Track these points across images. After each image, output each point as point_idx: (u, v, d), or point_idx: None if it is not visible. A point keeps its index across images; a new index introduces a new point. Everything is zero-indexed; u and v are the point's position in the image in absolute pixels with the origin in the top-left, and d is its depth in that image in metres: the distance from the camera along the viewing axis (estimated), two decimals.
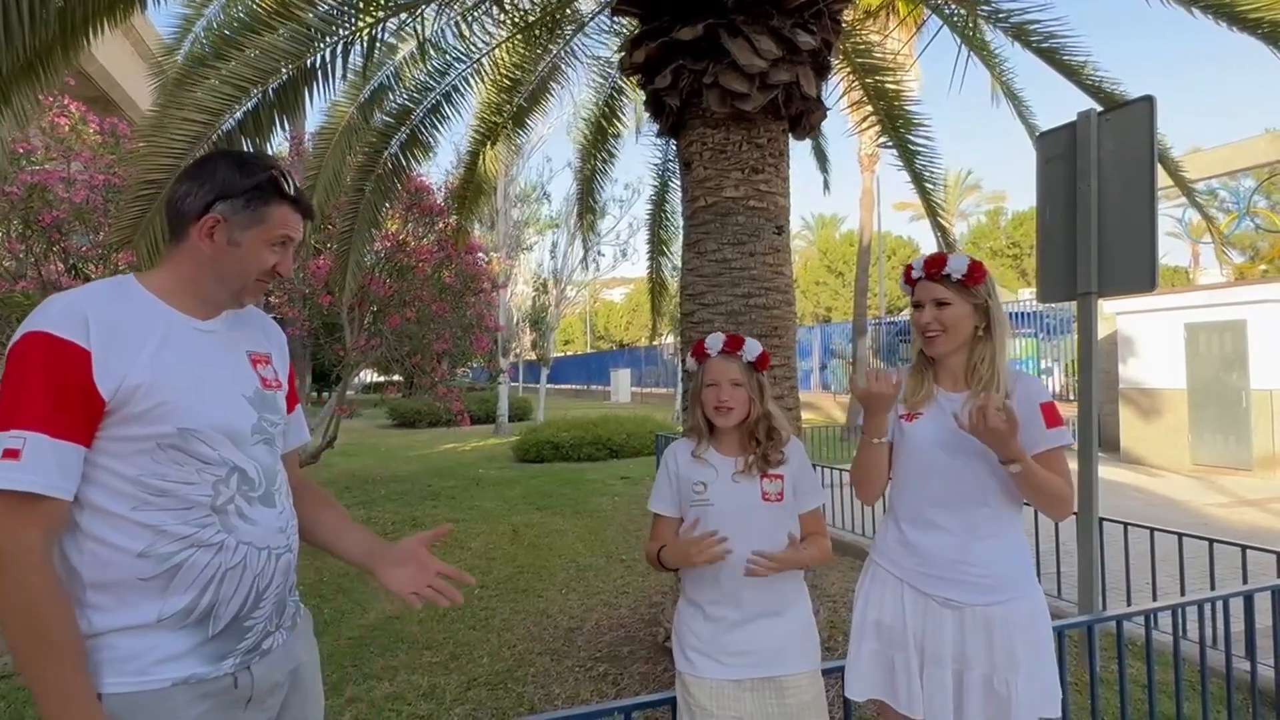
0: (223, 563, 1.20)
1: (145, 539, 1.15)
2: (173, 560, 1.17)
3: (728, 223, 3.62)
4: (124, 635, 1.14)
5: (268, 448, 1.33)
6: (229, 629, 1.22)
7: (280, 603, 1.32)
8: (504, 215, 18.26)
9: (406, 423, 20.01)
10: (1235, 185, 17.16)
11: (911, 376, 1.94)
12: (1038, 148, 3.76)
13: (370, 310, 7.73)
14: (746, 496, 1.80)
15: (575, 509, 8.10)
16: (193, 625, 1.18)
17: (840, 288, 40.91)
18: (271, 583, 1.28)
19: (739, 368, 1.85)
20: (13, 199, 6.11)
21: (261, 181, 1.27)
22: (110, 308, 1.17)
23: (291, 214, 1.32)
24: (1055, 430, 1.78)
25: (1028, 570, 1.82)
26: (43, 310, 1.14)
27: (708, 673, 1.76)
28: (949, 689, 1.72)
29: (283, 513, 1.33)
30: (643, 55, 3.68)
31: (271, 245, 1.30)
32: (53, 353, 1.10)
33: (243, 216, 1.26)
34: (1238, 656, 2.67)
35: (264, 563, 1.26)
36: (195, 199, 1.25)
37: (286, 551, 1.32)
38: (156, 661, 1.15)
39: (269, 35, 3.99)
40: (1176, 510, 7.68)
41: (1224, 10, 4.06)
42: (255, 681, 1.26)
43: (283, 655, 1.33)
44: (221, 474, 1.22)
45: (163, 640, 1.16)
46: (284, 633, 1.34)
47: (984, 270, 1.83)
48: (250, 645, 1.26)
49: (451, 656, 3.97)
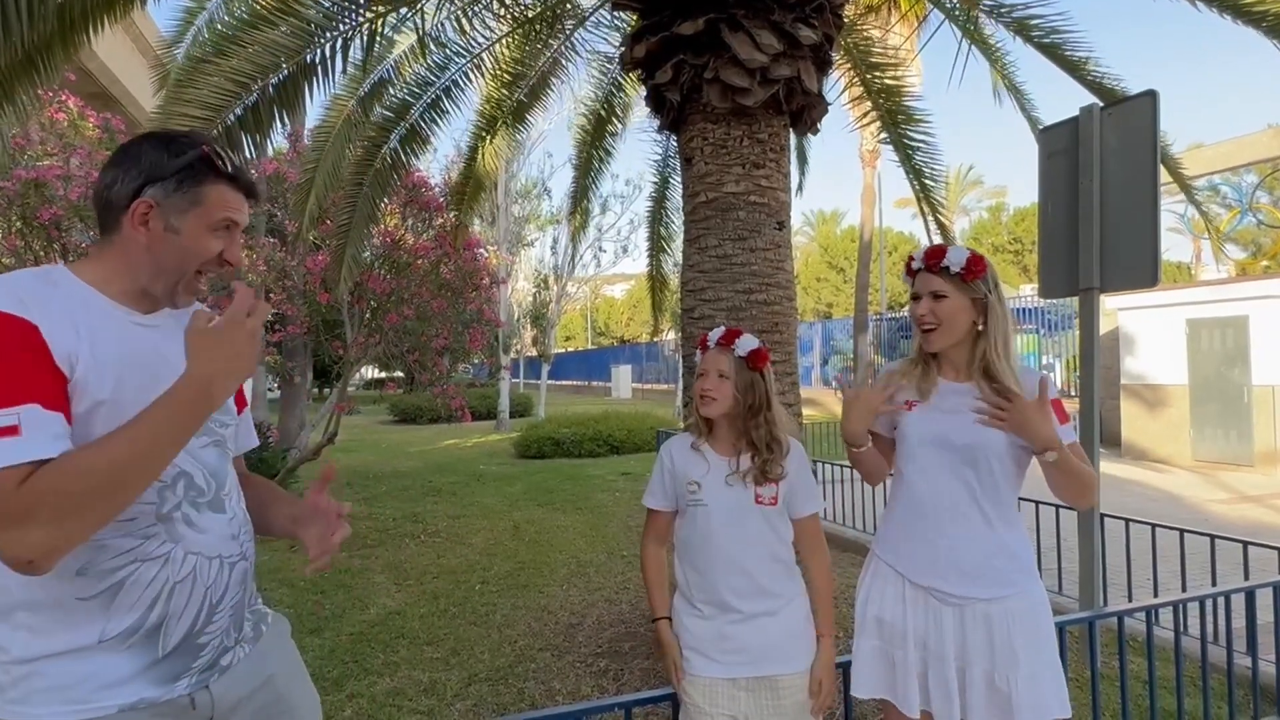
0: (170, 576, 1.11)
1: (83, 555, 1.04)
2: (115, 577, 1.07)
3: (729, 218, 3.61)
4: (60, 660, 1.04)
5: (217, 450, 1.24)
6: (181, 647, 1.13)
7: (238, 615, 1.24)
8: (505, 211, 18.24)
9: (407, 419, 20.04)
10: (1238, 181, 17.12)
11: (913, 366, 1.92)
12: (1040, 143, 3.74)
13: (369, 307, 7.73)
14: (740, 498, 1.79)
15: (576, 505, 8.10)
16: (139, 645, 1.09)
17: (841, 284, 40.88)
18: (226, 594, 1.19)
19: (729, 360, 1.83)
20: (9, 194, 6.10)
21: (193, 160, 1.15)
22: (41, 293, 1.05)
23: (231, 193, 1.19)
24: (1064, 427, 1.77)
25: (1029, 566, 1.81)
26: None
27: (702, 671, 1.76)
28: (953, 686, 1.71)
29: (234, 518, 1.24)
30: (643, 50, 3.67)
31: (213, 230, 1.18)
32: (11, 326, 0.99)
33: (176, 199, 1.14)
34: (1239, 652, 2.67)
35: (216, 573, 1.17)
36: (122, 186, 1.14)
37: (241, 559, 1.23)
38: (100, 688, 1.06)
39: (270, 31, 3.99)
40: (1178, 506, 7.68)
41: (1228, 3, 4.05)
42: (215, 700, 1.17)
43: (247, 670, 1.25)
44: (167, 479, 1.12)
45: (106, 664, 1.07)
46: (246, 645, 1.26)
47: (984, 264, 1.80)
48: (207, 663, 1.17)
49: (452, 652, 3.98)
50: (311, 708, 1.38)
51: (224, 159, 1.19)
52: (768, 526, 1.80)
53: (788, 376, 3.68)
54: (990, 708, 1.69)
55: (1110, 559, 4.12)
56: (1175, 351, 10.77)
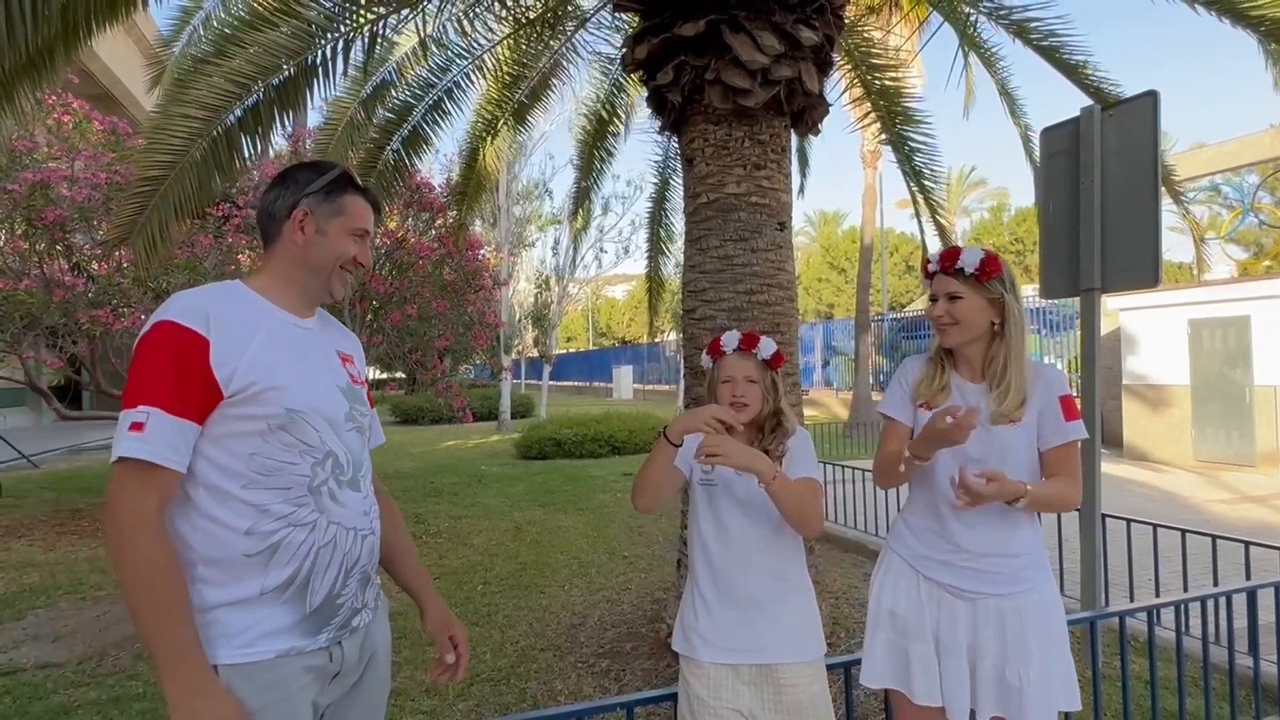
0: (315, 541, 1.31)
1: (251, 517, 1.26)
2: (274, 538, 1.27)
3: (730, 219, 3.61)
4: (231, 610, 1.24)
5: (359, 436, 1.46)
6: (323, 605, 1.32)
7: (365, 581, 1.43)
8: (506, 212, 18.24)
9: (409, 419, 20.05)
10: (1239, 181, 17.10)
11: (929, 366, 1.94)
12: (1041, 143, 3.75)
13: (371, 307, 7.74)
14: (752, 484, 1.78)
15: (578, 505, 8.11)
16: (291, 600, 1.28)
17: (843, 284, 40.84)
18: (358, 562, 1.38)
19: (754, 364, 1.85)
20: (15, 196, 6.11)
21: (336, 176, 1.45)
22: (223, 304, 1.30)
23: (364, 205, 1.48)
24: (1073, 424, 1.78)
25: (1041, 562, 1.83)
26: (168, 305, 1.27)
27: (704, 656, 1.76)
28: (965, 679, 1.73)
29: (366, 497, 1.44)
30: (645, 51, 3.67)
31: (352, 235, 1.45)
32: (178, 339, 1.23)
33: (325, 207, 1.43)
34: (1240, 652, 2.67)
35: (351, 542, 1.37)
36: (284, 201, 1.42)
37: (370, 534, 1.43)
38: (263, 635, 1.25)
39: (270, 32, 3.99)
40: (1179, 506, 7.67)
41: (1226, 7, 4.05)
42: (345, 656, 1.37)
43: (365, 635, 1.44)
44: (319, 456, 1.34)
45: (267, 615, 1.26)
46: (369, 612, 1.45)
47: (999, 265, 1.81)
48: (342, 621, 1.36)
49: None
50: (385, 685, 1.56)
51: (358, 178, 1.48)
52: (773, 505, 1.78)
53: (789, 377, 3.68)
54: (1001, 701, 1.71)
55: (1112, 559, 4.12)
56: (1177, 352, 10.76)
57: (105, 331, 6.47)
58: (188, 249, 6.44)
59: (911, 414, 1.92)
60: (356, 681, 1.44)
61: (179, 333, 1.23)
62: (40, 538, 6.69)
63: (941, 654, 1.77)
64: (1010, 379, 1.78)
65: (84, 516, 7.54)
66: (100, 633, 4.30)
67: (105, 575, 5.44)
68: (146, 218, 4.00)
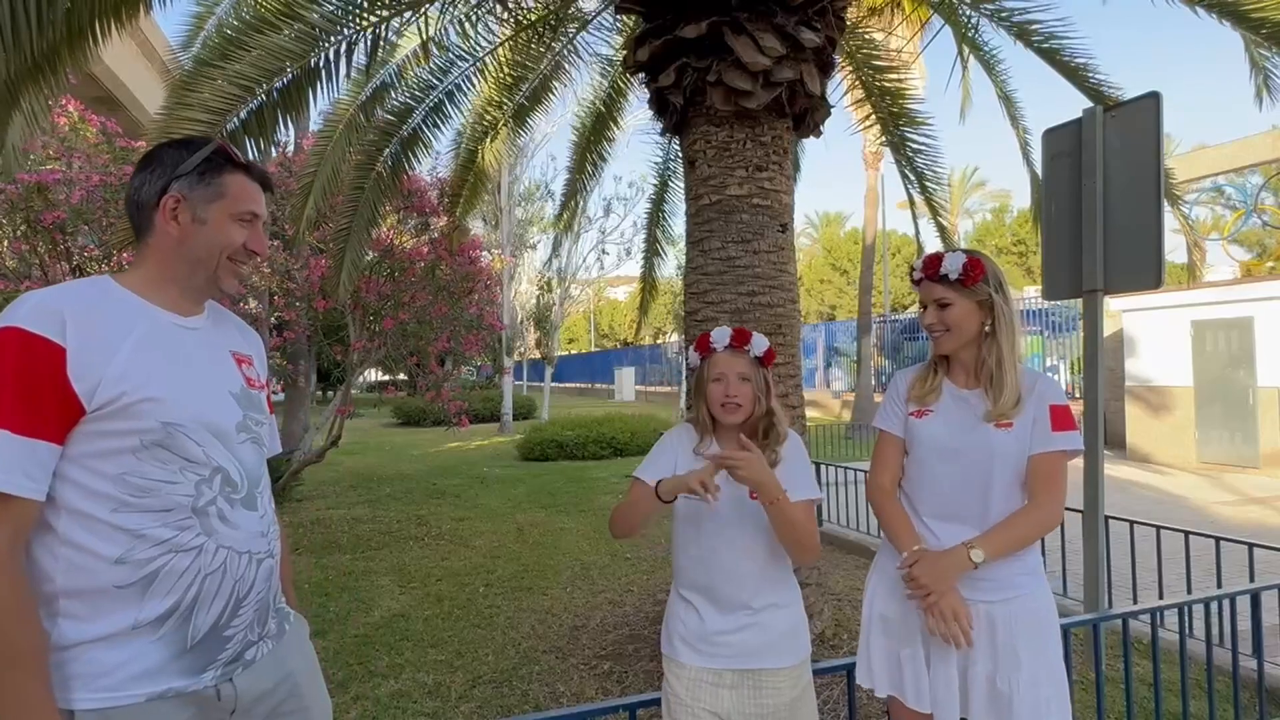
0: (201, 567, 1.16)
1: (123, 544, 1.11)
2: (151, 566, 1.12)
3: (732, 221, 3.61)
4: (97, 647, 1.10)
5: (254, 447, 1.31)
6: (207, 639, 1.18)
7: (262, 611, 1.28)
8: (508, 214, 18.27)
9: (411, 421, 20.04)
10: (1242, 182, 17.07)
11: (922, 369, 1.94)
12: (1043, 145, 3.74)
13: (366, 311, 7.74)
14: (735, 491, 1.75)
15: (579, 507, 8.11)
16: (169, 635, 1.14)
17: (845, 286, 40.82)
18: (252, 589, 1.24)
19: (746, 362, 1.81)
20: (12, 198, 6.12)
21: (210, 154, 1.27)
22: (87, 305, 1.14)
23: (249, 184, 1.30)
24: (1062, 434, 1.75)
25: (1035, 569, 1.81)
26: (16, 307, 1.10)
27: (688, 660, 1.75)
28: (954, 685, 1.72)
29: (264, 516, 1.29)
30: (646, 53, 3.67)
31: (237, 220, 1.28)
32: (26, 349, 1.06)
33: (200, 191, 1.25)
34: (1244, 655, 2.66)
35: (244, 568, 1.22)
36: (150, 186, 1.25)
37: (268, 557, 1.28)
38: (132, 676, 1.10)
39: (274, 35, 4.00)
40: (1183, 508, 7.66)
41: (1228, 10, 4.04)
42: (239, 693, 1.22)
43: (269, 665, 1.29)
44: (205, 474, 1.19)
45: (139, 652, 1.12)
46: (269, 642, 1.30)
47: (982, 268, 1.79)
48: (231, 656, 1.21)
49: (457, 654, 3.98)
50: (324, 709, 1.41)
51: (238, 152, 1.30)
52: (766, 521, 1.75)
53: (791, 379, 3.68)
54: (990, 709, 1.70)
55: (1115, 561, 4.11)
56: (1180, 353, 10.74)
57: None
58: None
59: (904, 425, 1.90)
60: (271, 714, 1.29)
61: (27, 340, 1.06)
62: None
63: (931, 659, 1.75)
64: (1005, 378, 1.77)
65: None
66: None
67: None
68: None
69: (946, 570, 1.68)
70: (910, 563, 1.72)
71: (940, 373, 1.89)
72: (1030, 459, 1.75)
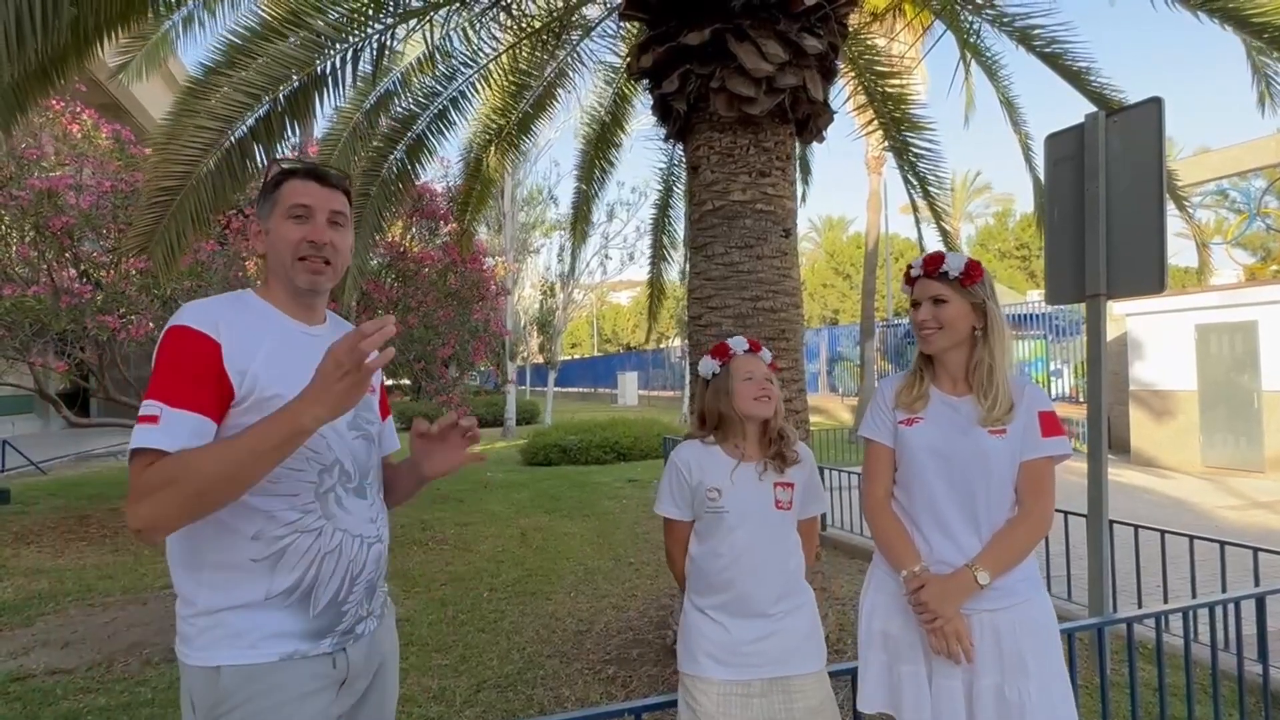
0: (321, 547, 1.32)
1: (258, 522, 1.28)
2: (280, 544, 1.29)
3: (735, 226, 3.63)
4: (236, 614, 1.26)
5: (365, 443, 1.47)
6: (327, 610, 1.33)
7: (371, 589, 1.44)
8: (511, 218, 18.31)
9: None
10: (1246, 185, 17.05)
11: (907, 377, 1.93)
12: (1045, 149, 3.75)
13: (375, 316, 7.75)
14: (760, 503, 1.82)
15: (583, 512, 8.11)
16: (295, 605, 1.30)
17: (848, 290, 40.82)
18: (364, 569, 1.40)
19: (764, 366, 1.92)
20: (23, 204, 6.16)
21: (271, 176, 1.45)
22: (233, 311, 1.33)
23: (296, 183, 1.42)
24: (1051, 440, 1.76)
25: (1033, 575, 1.80)
26: (180, 313, 1.30)
27: (718, 674, 1.76)
28: (960, 699, 1.70)
29: (373, 504, 1.46)
30: (650, 60, 3.69)
31: (290, 218, 1.40)
32: (194, 341, 1.26)
33: (265, 208, 1.43)
34: (1250, 659, 2.65)
35: (357, 549, 1.38)
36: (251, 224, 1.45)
37: (377, 541, 1.45)
38: (265, 637, 1.27)
39: (280, 43, 4.03)
40: (1187, 512, 7.64)
41: (1229, 14, 4.05)
42: (350, 664, 1.38)
43: (372, 643, 1.45)
44: (326, 463, 1.36)
45: (270, 618, 1.28)
46: (374, 620, 1.46)
47: (981, 270, 1.82)
48: (346, 628, 1.37)
49: (461, 659, 3.99)
50: (394, 696, 1.57)
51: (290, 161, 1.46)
52: (782, 531, 1.84)
53: (794, 384, 3.68)
54: (1001, 719, 1.68)
55: (1119, 566, 4.11)
56: (1184, 357, 10.72)
57: (112, 338, 6.51)
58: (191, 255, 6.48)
59: (892, 434, 1.89)
60: (366, 689, 1.44)
61: (193, 335, 1.26)
62: (49, 544, 6.72)
63: (935, 673, 1.73)
64: (998, 383, 1.77)
65: (92, 523, 7.56)
66: (109, 639, 4.32)
67: (114, 581, 5.47)
68: (164, 226, 4.04)
69: (954, 594, 1.69)
70: (916, 586, 1.72)
71: (927, 379, 1.89)
72: (1021, 464, 1.76)
